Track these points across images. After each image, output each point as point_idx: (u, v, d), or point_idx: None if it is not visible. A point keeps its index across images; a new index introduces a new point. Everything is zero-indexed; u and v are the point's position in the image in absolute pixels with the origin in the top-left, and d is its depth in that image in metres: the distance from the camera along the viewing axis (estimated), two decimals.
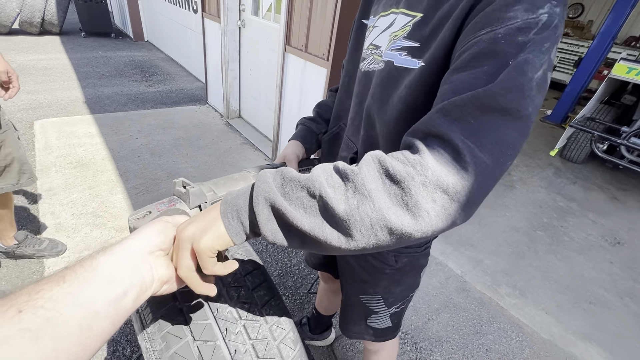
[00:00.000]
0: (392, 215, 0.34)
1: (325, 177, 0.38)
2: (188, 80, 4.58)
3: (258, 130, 3.31)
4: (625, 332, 1.73)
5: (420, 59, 0.50)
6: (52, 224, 1.84)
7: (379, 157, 0.38)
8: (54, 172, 2.26)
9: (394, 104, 0.55)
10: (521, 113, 0.36)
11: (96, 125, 2.98)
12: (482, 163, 0.35)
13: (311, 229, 0.37)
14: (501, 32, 0.38)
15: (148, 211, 0.51)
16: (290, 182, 0.39)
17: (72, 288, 0.28)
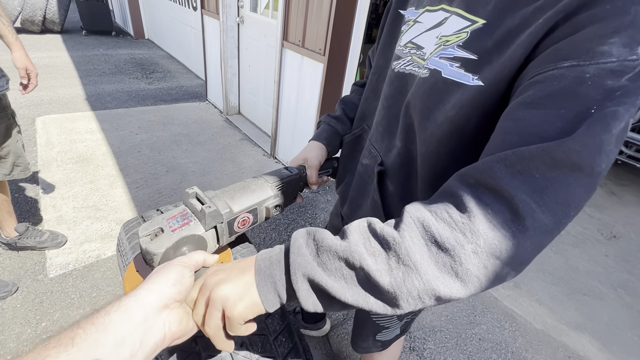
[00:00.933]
0: (440, 285, 0.33)
1: (363, 244, 0.36)
2: (188, 78, 4.61)
3: (257, 126, 3.33)
4: (617, 323, 1.75)
5: (477, 75, 0.43)
6: (54, 217, 1.87)
7: (422, 220, 0.35)
8: (56, 167, 2.30)
9: (439, 122, 0.48)
10: (594, 170, 0.32)
11: (97, 121, 3.01)
12: (543, 226, 0.32)
13: (354, 301, 0.35)
14: (590, 71, 0.32)
15: (160, 229, 0.48)
16: (327, 252, 0.37)
17: (80, 354, 0.28)
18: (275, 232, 2.04)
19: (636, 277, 2.09)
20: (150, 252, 0.45)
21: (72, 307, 1.44)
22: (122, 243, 0.69)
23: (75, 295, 1.49)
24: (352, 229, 0.38)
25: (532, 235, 0.32)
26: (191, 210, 0.50)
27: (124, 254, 0.66)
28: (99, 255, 1.68)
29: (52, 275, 1.55)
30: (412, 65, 0.55)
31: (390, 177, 0.61)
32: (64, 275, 1.56)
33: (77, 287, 1.52)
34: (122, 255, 0.66)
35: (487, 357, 1.50)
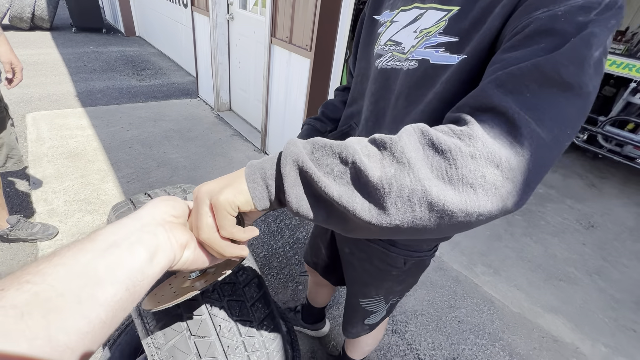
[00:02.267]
0: (433, 188, 0.30)
1: (360, 145, 0.35)
2: (179, 75, 4.62)
3: (247, 122, 3.38)
4: (590, 306, 1.85)
5: (461, 54, 0.46)
6: (45, 210, 1.90)
7: (421, 127, 0.34)
8: (47, 162, 2.32)
9: (428, 101, 0.51)
10: (582, 90, 0.33)
11: (87, 117, 3.03)
12: (540, 139, 0.31)
13: (340, 198, 0.32)
14: (561, 10, 0.35)
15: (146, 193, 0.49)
16: (322, 148, 0.35)
17: (65, 259, 0.25)
18: (264, 223, 2.09)
19: (610, 264, 2.19)
20: None
21: None
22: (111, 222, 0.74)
23: None
24: (351, 138, 0.36)
25: (530, 146, 0.31)
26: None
27: None
28: None
29: None
30: (393, 60, 0.58)
31: None
32: None
33: None
34: None
35: (465, 337, 1.58)
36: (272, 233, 2.03)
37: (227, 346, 0.61)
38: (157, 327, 0.57)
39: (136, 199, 0.79)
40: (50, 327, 0.21)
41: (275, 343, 0.69)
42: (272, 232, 2.03)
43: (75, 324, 0.22)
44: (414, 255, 0.71)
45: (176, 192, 0.82)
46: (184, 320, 0.58)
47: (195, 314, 0.59)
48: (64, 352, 0.21)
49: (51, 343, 0.21)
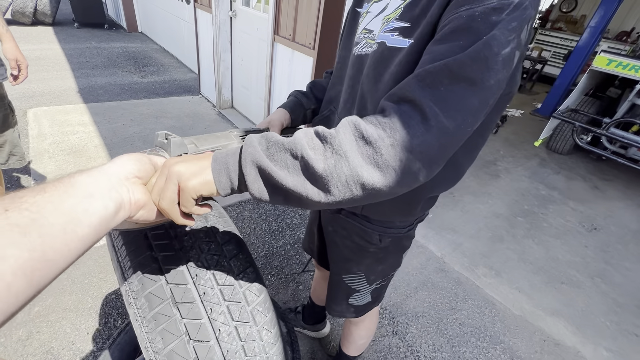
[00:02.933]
0: (364, 172, 0.40)
1: (306, 140, 0.42)
2: (181, 72, 4.61)
3: (249, 119, 3.36)
4: (592, 309, 1.83)
5: (411, 39, 0.52)
6: None
7: (354, 121, 0.42)
8: (48, 159, 2.31)
9: (385, 81, 0.57)
10: (484, 84, 0.41)
11: (89, 114, 3.02)
12: (445, 128, 0.41)
13: (294, 187, 0.41)
14: (478, 10, 0.42)
15: None
16: (275, 145, 0.42)
17: (54, 198, 0.30)
18: (265, 222, 2.09)
19: (613, 267, 2.18)
20: None
21: (65, 292, 1.48)
22: None
23: (68, 282, 1.52)
24: (299, 132, 0.44)
25: (437, 134, 0.40)
26: (159, 146, 0.54)
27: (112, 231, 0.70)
28: None
29: None
30: (366, 47, 0.63)
31: None
32: None
33: (69, 274, 1.56)
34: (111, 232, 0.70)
35: (467, 340, 1.57)
36: (273, 232, 2.02)
37: (227, 350, 0.60)
38: (156, 331, 0.56)
39: None
40: (45, 244, 0.28)
41: (276, 347, 0.68)
42: (272, 232, 2.03)
43: (61, 247, 0.29)
44: (387, 232, 0.75)
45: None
46: (183, 320, 0.58)
47: (195, 317, 0.59)
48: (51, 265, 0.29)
49: (44, 256, 0.28)
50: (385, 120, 0.41)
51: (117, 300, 1.49)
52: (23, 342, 1.28)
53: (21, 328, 1.32)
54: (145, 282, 0.59)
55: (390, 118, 0.41)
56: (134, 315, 0.58)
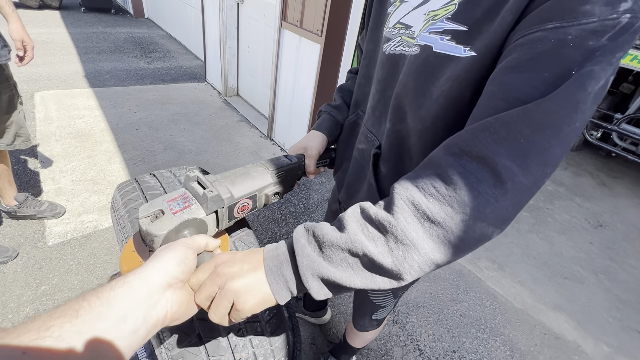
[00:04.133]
0: (437, 255, 0.36)
1: (362, 231, 0.38)
2: (187, 58, 4.58)
3: (255, 108, 3.35)
4: (594, 305, 1.83)
5: (468, 46, 0.43)
6: (52, 189, 1.92)
7: (412, 199, 0.37)
8: (54, 142, 2.33)
9: (434, 97, 0.49)
10: (570, 127, 0.34)
11: (95, 98, 3.02)
12: (522, 187, 0.35)
13: (363, 284, 0.38)
14: (572, 32, 0.33)
15: (160, 210, 0.47)
16: (330, 246, 0.39)
17: (84, 327, 0.29)
18: (268, 210, 2.09)
19: (617, 264, 2.16)
20: (151, 234, 0.45)
21: (71, 273, 1.50)
22: (115, 200, 0.73)
23: (74, 263, 1.55)
24: (348, 219, 0.40)
25: (513, 197, 0.35)
26: (192, 193, 0.50)
27: (116, 209, 0.70)
28: (97, 226, 1.73)
29: (51, 243, 1.61)
30: (402, 45, 0.54)
31: (383, 159, 0.63)
32: (63, 244, 1.62)
33: (75, 255, 1.58)
34: (115, 210, 0.71)
35: (467, 331, 1.57)
36: (277, 220, 2.03)
37: (234, 345, 0.60)
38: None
39: (141, 179, 0.78)
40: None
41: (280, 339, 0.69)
42: (276, 219, 2.03)
43: None
44: None
45: (181, 173, 0.81)
46: None
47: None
48: None
49: None
50: (450, 193, 0.36)
51: None
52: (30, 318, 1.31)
53: (28, 305, 1.35)
54: None
55: (455, 187, 0.35)
56: None
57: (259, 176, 0.58)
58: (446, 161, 0.37)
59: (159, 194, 0.71)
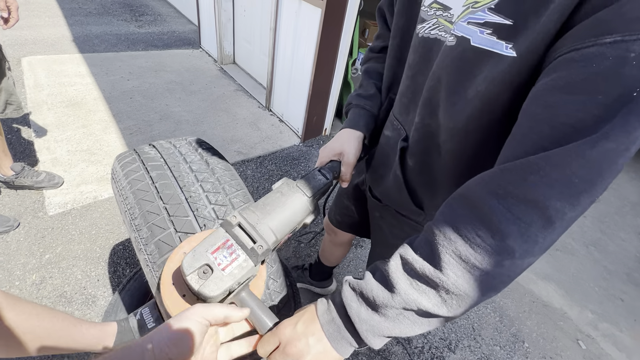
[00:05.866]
0: (486, 296, 0.37)
1: (412, 287, 0.38)
2: (180, 22, 4.36)
3: (252, 76, 3.24)
4: (583, 275, 1.90)
5: (511, 43, 0.38)
6: (49, 159, 1.89)
7: (459, 253, 0.35)
8: (46, 110, 2.26)
9: (468, 98, 0.45)
10: (625, 158, 0.31)
11: (86, 65, 2.90)
12: (571, 219, 0.34)
13: (422, 330, 0.40)
14: (636, 49, 0.28)
15: (207, 265, 0.44)
16: (384, 307, 0.39)
17: None
18: (268, 182, 2.09)
19: (608, 236, 2.22)
20: (203, 295, 0.43)
21: (73, 242, 1.52)
22: (115, 171, 0.72)
23: (76, 232, 1.56)
24: (393, 275, 0.39)
25: (560, 230, 0.34)
26: (237, 242, 0.47)
27: (117, 180, 0.69)
28: (96, 196, 1.73)
29: (51, 213, 1.61)
30: (437, 29, 0.49)
31: (410, 152, 0.60)
32: (64, 214, 1.62)
33: (77, 225, 1.59)
34: (116, 181, 0.70)
35: None
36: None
37: None
38: None
39: (141, 149, 0.77)
40: None
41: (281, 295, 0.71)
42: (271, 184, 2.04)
43: None
44: None
45: (181, 145, 0.80)
46: None
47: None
48: None
49: None
50: (498, 242, 0.34)
51: (124, 250, 1.53)
52: (37, 285, 1.34)
53: (34, 273, 1.38)
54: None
55: (503, 236, 0.33)
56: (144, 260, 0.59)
57: (300, 208, 0.54)
58: (490, 205, 0.34)
59: (160, 166, 0.70)
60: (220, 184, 0.70)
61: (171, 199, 0.63)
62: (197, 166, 0.71)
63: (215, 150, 0.81)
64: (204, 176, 0.69)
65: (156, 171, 0.68)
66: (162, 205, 0.62)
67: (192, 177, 0.69)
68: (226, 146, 2.30)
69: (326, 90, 2.39)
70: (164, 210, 0.62)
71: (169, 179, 0.67)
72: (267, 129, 2.58)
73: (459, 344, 1.44)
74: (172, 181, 0.66)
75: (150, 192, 0.64)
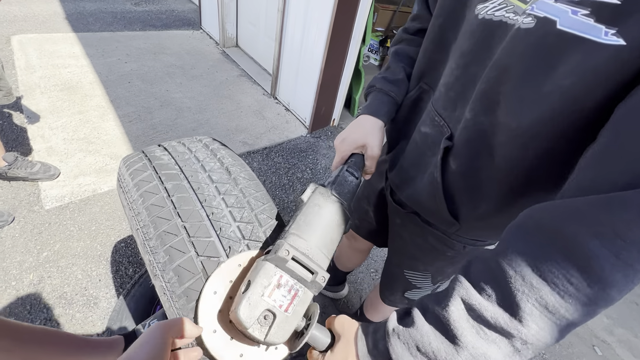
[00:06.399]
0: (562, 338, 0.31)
1: (478, 335, 0.32)
2: (179, 1, 4.13)
3: (256, 61, 3.09)
4: None
5: (614, 28, 0.31)
6: (43, 148, 1.78)
7: (545, 303, 0.29)
8: (40, 94, 2.13)
9: (544, 92, 0.37)
10: None
11: (80, 45, 2.74)
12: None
13: None
14: None
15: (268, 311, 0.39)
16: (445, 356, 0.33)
17: None
18: (275, 175, 2.00)
19: None
20: (272, 343, 0.40)
21: (72, 239, 1.44)
22: (123, 179, 0.63)
23: (75, 228, 1.47)
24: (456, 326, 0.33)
25: None
26: (293, 276, 0.42)
27: (127, 191, 0.60)
28: (95, 189, 1.64)
29: (48, 207, 1.52)
30: (505, 9, 0.41)
31: (455, 153, 0.52)
32: (61, 208, 1.53)
33: (75, 220, 1.50)
34: (125, 192, 0.61)
35: None
36: (284, 186, 1.95)
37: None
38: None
39: (151, 153, 0.67)
40: None
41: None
42: (283, 185, 1.95)
43: None
44: (477, 244, 0.63)
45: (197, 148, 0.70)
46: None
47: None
48: None
49: None
50: (595, 292, 0.27)
51: (126, 248, 1.45)
52: (35, 286, 1.27)
53: (32, 272, 1.30)
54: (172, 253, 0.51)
55: (605, 284, 0.27)
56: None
57: (340, 218, 0.49)
58: (590, 247, 0.27)
59: (176, 175, 0.60)
60: (245, 197, 0.61)
61: (191, 217, 0.55)
62: (218, 176, 0.62)
63: (234, 155, 0.71)
64: (226, 188, 0.61)
65: (172, 182, 0.59)
66: (181, 224, 0.54)
67: (213, 189, 0.60)
68: (231, 136, 2.19)
69: (336, 79, 2.27)
70: (183, 230, 0.53)
71: (187, 192, 0.58)
72: (273, 119, 2.47)
73: None
74: (190, 194, 0.58)
75: (166, 208, 0.55)
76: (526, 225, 0.33)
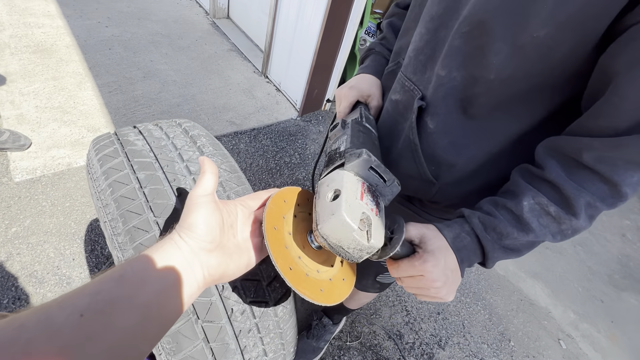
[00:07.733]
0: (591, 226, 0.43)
1: (540, 224, 0.42)
2: None
3: (248, 36, 2.95)
4: (569, 275, 1.94)
5: None
6: (13, 115, 1.66)
7: (589, 202, 0.39)
8: (9, 55, 1.97)
9: (519, 44, 0.39)
10: None
11: (56, 3, 2.52)
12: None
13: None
14: None
15: (364, 213, 0.38)
16: (515, 240, 0.44)
17: (130, 291, 0.29)
18: (262, 158, 1.95)
19: (594, 237, 2.26)
20: (374, 248, 0.38)
21: (44, 214, 1.37)
22: (92, 165, 0.58)
23: (47, 203, 1.40)
24: (527, 217, 0.42)
25: None
26: (370, 182, 0.42)
27: (95, 178, 0.55)
28: (70, 163, 1.55)
29: (18, 180, 1.43)
30: None
31: (431, 112, 0.52)
32: (32, 181, 1.45)
33: (48, 194, 1.43)
34: (93, 180, 0.56)
35: None
36: (271, 170, 1.91)
37: (239, 330, 0.53)
38: None
39: (124, 137, 0.62)
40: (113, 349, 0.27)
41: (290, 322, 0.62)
42: (270, 169, 1.91)
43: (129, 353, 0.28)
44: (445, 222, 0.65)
45: (175, 133, 0.65)
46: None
47: (205, 296, 0.49)
48: None
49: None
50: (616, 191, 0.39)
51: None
52: (3, 263, 1.21)
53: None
54: None
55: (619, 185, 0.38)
56: None
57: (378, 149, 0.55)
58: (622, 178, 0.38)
59: (150, 164, 0.56)
60: (225, 191, 0.57)
61: (164, 212, 0.51)
62: (196, 167, 0.58)
63: (217, 143, 0.67)
64: None
65: (145, 171, 0.54)
66: (153, 219, 0.50)
67: (190, 182, 0.55)
68: (218, 114, 2.11)
69: (331, 61, 2.19)
70: (156, 226, 0.50)
71: (161, 184, 0.53)
72: (262, 98, 2.38)
73: (448, 341, 1.45)
74: (165, 186, 0.53)
75: (137, 200, 0.51)
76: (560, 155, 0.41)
